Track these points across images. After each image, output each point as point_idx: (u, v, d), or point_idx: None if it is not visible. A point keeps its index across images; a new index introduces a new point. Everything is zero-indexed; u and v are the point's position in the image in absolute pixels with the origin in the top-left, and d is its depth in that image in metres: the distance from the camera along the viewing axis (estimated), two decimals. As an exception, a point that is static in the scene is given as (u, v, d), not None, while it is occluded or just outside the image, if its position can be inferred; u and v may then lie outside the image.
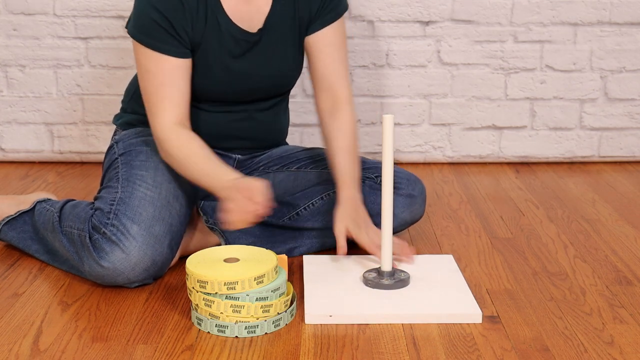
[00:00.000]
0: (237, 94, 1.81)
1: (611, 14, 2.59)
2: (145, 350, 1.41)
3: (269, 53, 1.79)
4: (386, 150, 1.57)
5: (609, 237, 1.99)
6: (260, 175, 1.94)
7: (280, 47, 1.79)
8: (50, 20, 2.55)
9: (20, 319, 1.53)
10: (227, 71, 1.76)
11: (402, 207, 1.86)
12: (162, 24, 1.67)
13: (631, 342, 1.45)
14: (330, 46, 1.81)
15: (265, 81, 1.82)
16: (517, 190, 2.40)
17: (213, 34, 1.73)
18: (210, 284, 1.45)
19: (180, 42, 1.70)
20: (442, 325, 1.50)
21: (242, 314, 1.45)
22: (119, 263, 1.60)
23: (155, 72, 1.69)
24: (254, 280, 1.46)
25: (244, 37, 1.75)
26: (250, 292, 1.45)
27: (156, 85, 1.69)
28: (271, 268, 1.49)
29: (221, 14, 1.73)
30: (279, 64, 1.81)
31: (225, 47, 1.75)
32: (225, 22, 1.73)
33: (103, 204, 1.68)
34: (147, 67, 1.70)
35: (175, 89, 1.70)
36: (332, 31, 1.81)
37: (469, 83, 2.63)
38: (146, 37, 1.68)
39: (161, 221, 1.66)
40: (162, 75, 1.69)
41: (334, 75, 1.82)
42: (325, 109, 1.82)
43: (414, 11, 2.57)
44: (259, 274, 1.47)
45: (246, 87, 1.80)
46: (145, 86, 1.72)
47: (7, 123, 2.62)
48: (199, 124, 1.83)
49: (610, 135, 2.68)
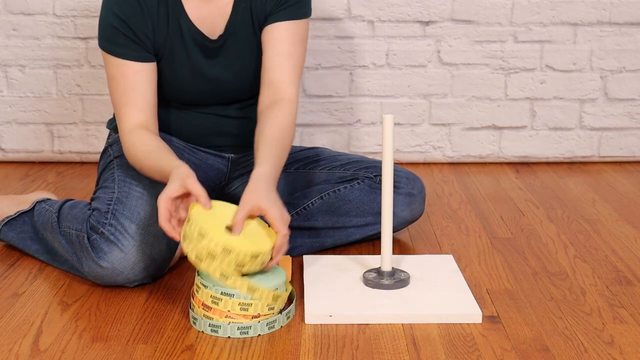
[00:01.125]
0: (207, 97, 1.81)
1: (611, 14, 2.59)
2: (145, 350, 1.41)
3: (232, 58, 1.77)
4: (386, 150, 1.57)
5: (609, 237, 1.99)
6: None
7: (243, 52, 1.77)
8: (50, 20, 2.55)
9: (20, 319, 1.53)
10: (193, 74, 1.77)
11: (402, 206, 1.86)
12: (121, 29, 1.69)
13: (631, 342, 1.44)
14: (281, 42, 1.74)
15: (232, 85, 1.80)
16: (517, 190, 2.40)
17: (176, 36, 1.73)
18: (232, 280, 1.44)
19: (141, 46, 1.71)
20: (442, 325, 1.50)
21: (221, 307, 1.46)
22: (118, 262, 1.60)
23: (119, 78, 1.71)
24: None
25: (206, 42, 1.75)
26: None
27: (120, 91, 1.71)
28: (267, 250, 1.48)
29: (183, 17, 1.73)
30: (242, 69, 1.79)
31: (188, 50, 1.75)
32: (187, 26, 1.73)
33: (100, 204, 1.68)
34: (111, 74, 1.73)
35: (138, 94, 1.71)
36: (285, 29, 1.74)
37: (469, 83, 2.63)
38: (108, 43, 1.71)
39: (159, 220, 1.66)
40: (125, 81, 1.71)
41: (278, 72, 1.73)
42: (263, 105, 1.73)
43: (414, 11, 2.57)
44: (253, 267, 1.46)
45: (214, 90, 1.79)
46: (111, 92, 1.74)
47: (7, 123, 2.62)
48: (186, 123, 1.83)
49: (610, 135, 2.68)
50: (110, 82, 1.73)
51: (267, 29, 1.75)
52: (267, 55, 1.74)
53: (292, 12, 1.75)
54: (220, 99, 1.83)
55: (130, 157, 1.70)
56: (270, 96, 1.73)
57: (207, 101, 1.82)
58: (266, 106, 1.72)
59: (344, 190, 1.85)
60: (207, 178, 1.90)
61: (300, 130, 2.64)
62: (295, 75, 1.75)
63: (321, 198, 1.85)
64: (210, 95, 1.80)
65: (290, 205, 1.85)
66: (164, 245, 1.66)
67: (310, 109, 2.62)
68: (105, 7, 1.71)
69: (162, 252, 1.65)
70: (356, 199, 1.85)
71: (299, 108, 2.62)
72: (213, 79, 1.78)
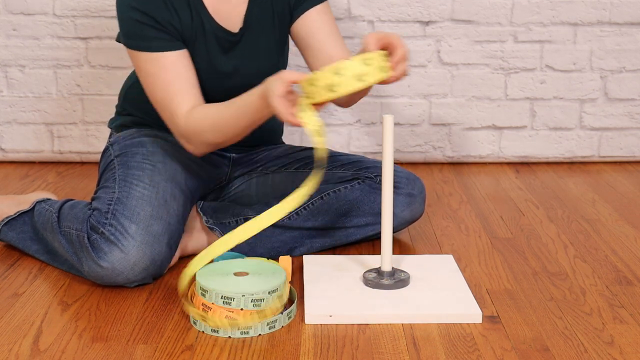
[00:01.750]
0: (223, 92, 1.80)
1: (611, 14, 2.59)
2: (145, 350, 1.41)
3: (252, 51, 1.78)
4: (386, 150, 1.57)
5: (609, 237, 1.99)
6: (259, 176, 1.95)
7: (263, 44, 1.79)
8: (50, 20, 2.55)
9: (20, 319, 1.53)
10: (212, 69, 1.76)
11: (402, 206, 1.86)
12: (146, 21, 1.66)
13: (631, 342, 1.45)
14: (320, 22, 1.79)
15: (250, 79, 1.81)
16: (517, 190, 2.40)
17: (200, 31, 1.73)
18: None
19: (171, 35, 1.68)
20: (442, 325, 1.50)
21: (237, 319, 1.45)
22: (118, 263, 1.60)
23: (158, 73, 1.68)
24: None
25: (226, 36, 1.75)
26: (245, 292, 1.45)
27: (162, 86, 1.68)
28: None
29: (204, 12, 1.73)
30: (262, 61, 1.80)
31: (209, 45, 1.74)
32: (208, 21, 1.73)
33: (100, 204, 1.68)
34: (147, 71, 1.69)
35: (183, 81, 1.68)
36: (318, 13, 1.79)
37: (469, 83, 2.63)
38: (136, 40, 1.68)
39: (159, 220, 1.66)
40: (166, 73, 1.68)
41: (336, 47, 1.78)
42: None
43: (414, 11, 2.57)
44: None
45: (232, 84, 1.79)
46: (151, 90, 1.70)
47: (7, 123, 2.62)
48: None
49: (610, 135, 2.68)
50: (148, 79, 1.69)
51: (302, 20, 1.78)
52: (316, 40, 1.78)
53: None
54: (231, 95, 1.82)
55: (202, 136, 1.66)
56: None
57: (218, 97, 1.82)
58: None
59: (344, 191, 1.85)
60: (208, 177, 1.90)
61: (300, 130, 2.64)
62: (345, 46, 1.81)
63: (321, 198, 1.85)
64: (222, 91, 1.80)
65: (290, 205, 1.85)
66: (164, 246, 1.66)
67: (310, 109, 2.62)
68: (122, 4, 1.68)
69: (163, 253, 1.65)
70: (356, 199, 1.85)
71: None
72: (228, 73, 1.78)
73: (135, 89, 1.88)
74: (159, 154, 1.80)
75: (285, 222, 1.83)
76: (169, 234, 1.67)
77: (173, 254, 1.71)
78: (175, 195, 1.73)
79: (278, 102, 1.49)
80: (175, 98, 1.67)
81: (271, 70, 1.80)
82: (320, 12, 1.80)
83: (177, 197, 1.74)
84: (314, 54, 1.80)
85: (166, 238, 1.66)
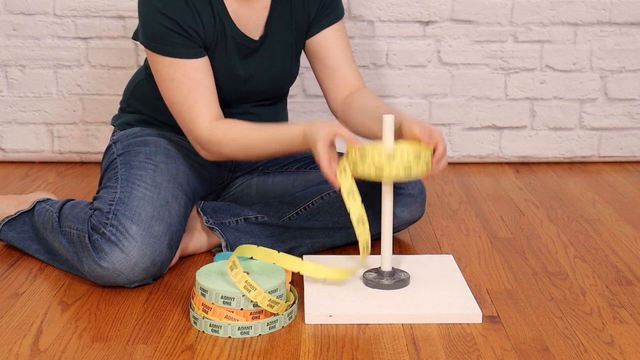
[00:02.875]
0: (236, 96, 1.81)
1: (611, 14, 2.59)
2: (145, 350, 1.41)
3: (270, 58, 1.79)
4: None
5: (609, 237, 1.99)
6: (259, 176, 1.95)
7: (280, 51, 1.80)
8: (50, 20, 2.55)
9: (20, 319, 1.53)
10: (230, 74, 1.77)
11: (402, 207, 1.86)
12: (172, 27, 1.66)
13: (631, 342, 1.45)
14: (337, 41, 1.82)
15: (265, 85, 1.82)
16: (517, 190, 2.40)
17: (221, 37, 1.73)
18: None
19: (195, 43, 1.69)
20: (442, 325, 1.50)
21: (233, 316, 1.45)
22: (119, 263, 1.60)
23: (181, 79, 1.68)
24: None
25: (246, 42, 1.76)
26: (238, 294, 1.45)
27: (184, 92, 1.68)
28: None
29: (226, 17, 1.73)
30: (279, 69, 1.82)
31: (229, 50, 1.75)
32: (230, 26, 1.73)
33: (102, 204, 1.68)
34: (170, 76, 1.69)
35: (205, 89, 1.69)
36: (335, 32, 1.83)
37: (469, 83, 2.63)
38: (161, 44, 1.67)
39: (160, 221, 1.66)
40: (189, 80, 1.68)
41: (347, 69, 1.83)
42: (340, 101, 1.83)
43: (414, 11, 2.57)
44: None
45: (246, 89, 1.80)
46: (172, 96, 1.70)
47: (7, 123, 2.62)
48: None
49: (610, 135, 2.68)
50: (170, 84, 1.69)
51: (318, 38, 1.82)
52: (327, 57, 1.82)
53: (335, 14, 1.83)
54: (243, 98, 1.83)
55: (223, 148, 1.68)
56: (344, 92, 1.83)
57: (231, 102, 1.82)
58: (344, 101, 1.81)
59: (345, 190, 1.85)
60: (210, 177, 1.90)
61: (300, 130, 2.63)
62: (357, 69, 1.86)
63: (322, 198, 1.85)
64: (235, 94, 1.80)
65: (290, 205, 1.85)
66: (165, 247, 1.66)
67: (310, 109, 2.62)
68: (148, 7, 1.67)
69: (163, 254, 1.65)
70: (356, 199, 1.85)
71: (300, 108, 2.62)
72: (244, 78, 1.78)
73: (143, 85, 1.88)
74: (162, 153, 1.80)
75: (286, 222, 1.83)
76: (170, 235, 1.67)
77: (174, 255, 1.71)
78: (177, 196, 1.74)
79: (323, 150, 1.52)
80: (197, 105, 1.68)
81: (285, 77, 1.84)
82: (337, 30, 1.83)
83: (178, 198, 1.74)
84: (325, 71, 1.84)
85: (167, 239, 1.66)
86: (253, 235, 1.82)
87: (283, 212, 1.84)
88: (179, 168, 1.80)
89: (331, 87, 1.84)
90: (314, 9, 1.81)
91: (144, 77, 1.89)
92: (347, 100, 1.81)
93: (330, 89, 1.84)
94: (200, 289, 1.48)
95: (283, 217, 1.84)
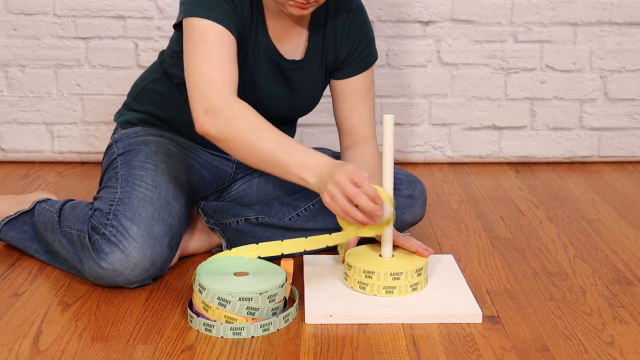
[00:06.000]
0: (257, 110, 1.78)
1: (611, 14, 2.59)
2: (145, 350, 1.41)
3: (300, 84, 1.78)
4: (386, 150, 1.57)
5: (609, 237, 1.99)
6: (260, 176, 1.94)
7: (311, 80, 1.79)
8: (50, 20, 2.55)
9: (20, 319, 1.53)
10: (255, 88, 1.75)
11: (402, 208, 1.86)
12: (229, 2, 1.62)
13: (631, 342, 1.45)
14: (357, 92, 1.81)
15: (289, 108, 1.81)
16: (517, 190, 2.40)
17: (253, 46, 1.71)
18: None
19: (238, 20, 1.64)
20: (442, 325, 1.50)
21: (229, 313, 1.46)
22: (119, 264, 1.60)
23: (215, 42, 1.57)
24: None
25: (280, 61, 1.74)
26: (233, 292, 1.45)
27: (213, 52, 1.56)
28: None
29: (262, 29, 1.71)
30: (305, 95, 1.81)
31: (259, 65, 1.73)
32: (264, 40, 1.72)
33: (102, 205, 1.68)
34: (204, 37, 1.57)
35: (232, 64, 1.58)
36: (359, 80, 1.81)
37: (469, 83, 2.63)
38: (207, 10, 1.59)
39: (160, 221, 1.66)
40: (221, 45, 1.58)
41: (356, 120, 1.81)
42: (344, 146, 1.83)
43: (414, 11, 2.57)
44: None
45: (269, 107, 1.77)
46: (197, 56, 1.58)
47: (7, 123, 2.62)
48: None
49: (610, 135, 2.68)
50: (199, 46, 1.56)
51: (343, 82, 1.80)
52: (344, 104, 1.81)
53: (365, 63, 1.81)
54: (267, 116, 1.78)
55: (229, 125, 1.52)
56: (350, 139, 1.82)
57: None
58: (348, 145, 1.81)
59: (345, 191, 1.85)
60: (211, 178, 1.90)
61: (300, 130, 2.64)
62: (372, 118, 1.82)
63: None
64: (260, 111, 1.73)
65: (291, 206, 1.85)
66: (165, 247, 1.65)
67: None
68: None
69: (163, 254, 1.65)
70: (356, 200, 1.85)
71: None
72: (272, 97, 1.77)
73: (157, 84, 1.86)
74: (163, 153, 1.79)
75: (286, 223, 1.83)
76: (170, 235, 1.67)
77: (174, 255, 1.71)
78: (177, 196, 1.73)
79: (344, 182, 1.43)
80: (220, 69, 1.56)
81: (306, 107, 1.84)
82: (363, 79, 1.81)
83: (179, 198, 1.74)
84: (339, 112, 1.82)
85: (167, 239, 1.66)
86: (254, 236, 1.82)
87: (284, 213, 1.84)
88: (179, 168, 1.80)
89: (341, 127, 1.83)
90: (345, 50, 1.79)
91: (158, 76, 1.87)
92: (351, 147, 1.81)
93: (340, 129, 1.84)
94: (199, 285, 1.48)
95: (284, 218, 1.84)
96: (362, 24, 1.80)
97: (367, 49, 1.81)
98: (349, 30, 1.78)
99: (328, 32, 1.77)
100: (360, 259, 1.61)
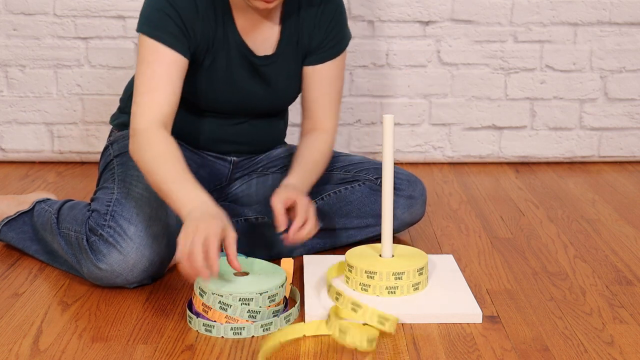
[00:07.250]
0: (233, 108, 1.80)
1: (611, 14, 2.59)
2: (145, 350, 1.41)
3: (275, 78, 1.78)
4: (386, 150, 1.57)
5: (609, 237, 1.99)
6: (258, 176, 1.94)
7: (285, 73, 1.79)
8: (50, 20, 2.55)
9: (20, 319, 1.53)
10: (230, 86, 1.76)
11: (402, 208, 1.86)
12: (174, 19, 1.64)
13: (631, 342, 1.45)
14: (324, 80, 1.81)
15: (267, 102, 1.82)
16: (517, 190, 2.40)
17: (221, 44, 1.72)
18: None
19: (187, 40, 1.66)
20: (442, 325, 1.50)
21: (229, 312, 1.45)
22: (117, 265, 1.60)
23: (153, 63, 1.64)
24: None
25: (251, 57, 1.74)
26: (233, 292, 1.45)
27: (149, 75, 1.64)
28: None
29: (231, 26, 1.71)
30: (282, 89, 1.81)
31: (231, 61, 1.74)
32: (234, 37, 1.72)
33: (99, 205, 1.68)
34: (145, 59, 1.65)
35: (168, 85, 1.64)
36: (328, 67, 1.81)
37: (469, 83, 2.63)
38: (153, 29, 1.64)
39: (158, 221, 1.66)
40: (159, 66, 1.64)
41: (320, 108, 1.82)
42: (304, 131, 1.85)
43: (414, 11, 2.57)
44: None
45: (247, 104, 1.79)
46: (137, 77, 1.66)
47: (7, 123, 2.62)
48: (200, 130, 1.82)
49: (610, 135, 2.68)
50: (141, 66, 1.64)
51: (312, 68, 1.80)
52: (309, 91, 1.82)
53: (336, 50, 1.81)
54: (248, 112, 1.83)
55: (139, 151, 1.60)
56: (310, 125, 1.84)
57: (234, 113, 1.81)
58: (307, 132, 1.83)
59: (345, 192, 1.85)
60: (208, 178, 1.90)
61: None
62: (334, 109, 1.84)
63: (322, 199, 1.85)
64: (240, 108, 1.80)
65: (290, 205, 1.85)
66: (163, 247, 1.65)
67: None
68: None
69: (161, 254, 1.65)
70: (357, 200, 1.85)
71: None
72: (249, 93, 1.78)
73: None
74: (159, 153, 1.79)
75: (285, 223, 1.83)
76: (168, 235, 1.67)
77: (172, 255, 1.71)
78: (174, 196, 1.73)
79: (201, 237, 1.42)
80: (151, 93, 1.62)
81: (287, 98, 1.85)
82: (332, 66, 1.81)
83: (176, 198, 1.74)
84: (305, 98, 1.83)
85: (165, 239, 1.66)
86: (253, 236, 1.82)
87: (283, 213, 1.84)
88: (176, 168, 1.80)
89: (304, 112, 1.85)
90: (319, 36, 1.78)
91: None
92: (308, 133, 1.82)
93: (303, 113, 1.85)
94: (199, 289, 1.48)
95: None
96: (334, 12, 1.79)
97: (338, 35, 1.81)
98: (321, 18, 1.78)
99: (301, 23, 1.77)
100: (361, 260, 1.61)
